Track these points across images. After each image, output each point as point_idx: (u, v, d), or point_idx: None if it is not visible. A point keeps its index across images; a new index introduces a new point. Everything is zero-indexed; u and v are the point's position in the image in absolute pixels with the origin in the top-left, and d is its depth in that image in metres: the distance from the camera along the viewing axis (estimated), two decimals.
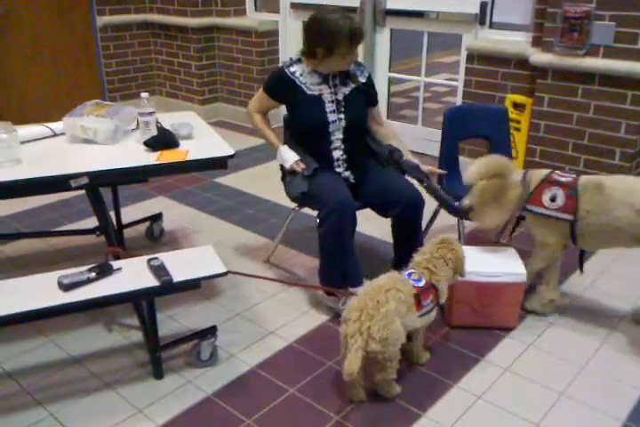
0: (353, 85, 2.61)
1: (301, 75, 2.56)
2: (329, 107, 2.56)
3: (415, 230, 2.58)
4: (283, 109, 2.73)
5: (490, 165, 2.42)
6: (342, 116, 2.58)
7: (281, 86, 2.59)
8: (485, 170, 2.41)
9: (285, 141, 2.71)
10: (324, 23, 2.44)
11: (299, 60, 2.59)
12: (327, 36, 2.42)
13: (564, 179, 2.36)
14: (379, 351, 1.93)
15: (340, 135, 2.60)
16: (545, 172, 2.43)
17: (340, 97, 2.58)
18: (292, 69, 2.57)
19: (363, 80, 2.64)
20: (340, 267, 2.49)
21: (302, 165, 2.54)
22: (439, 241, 2.22)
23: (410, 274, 2.13)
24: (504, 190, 2.40)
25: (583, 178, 2.37)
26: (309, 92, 2.55)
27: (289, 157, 2.57)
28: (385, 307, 1.94)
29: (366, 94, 2.67)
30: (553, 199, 2.33)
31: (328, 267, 2.53)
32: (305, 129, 2.61)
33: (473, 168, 2.45)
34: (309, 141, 2.60)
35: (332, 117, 2.57)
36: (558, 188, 2.34)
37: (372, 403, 2.08)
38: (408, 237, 2.60)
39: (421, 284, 2.11)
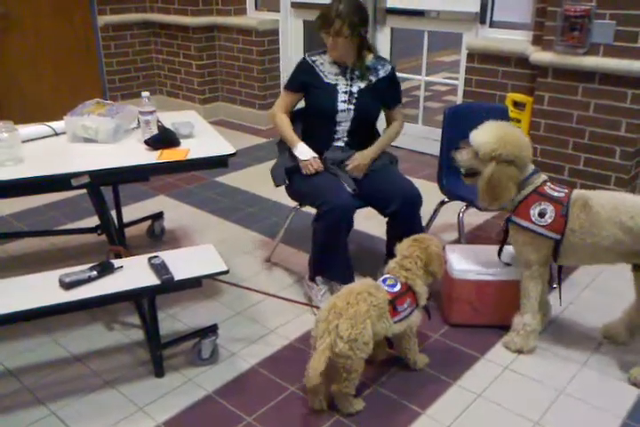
0: (372, 81, 2.67)
1: (322, 64, 2.67)
2: (341, 96, 2.64)
3: (412, 229, 2.55)
4: None
5: (509, 146, 2.14)
6: (352, 107, 2.65)
7: (302, 74, 2.70)
8: (502, 150, 2.13)
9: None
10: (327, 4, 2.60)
11: (323, 52, 2.69)
12: (319, 14, 2.60)
13: (556, 193, 2.17)
14: (344, 354, 1.87)
15: (347, 126, 2.67)
16: (539, 180, 2.21)
17: (355, 90, 2.65)
18: (313, 58, 2.69)
19: (383, 74, 2.69)
20: (330, 262, 2.55)
21: (319, 164, 2.60)
22: (412, 239, 2.19)
23: (385, 280, 2.10)
24: (511, 181, 2.16)
25: (574, 194, 2.18)
26: (326, 80, 2.65)
27: (305, 151, 2.63)
28: (354, 307, 1.91)
29: (383, 92, 2.70)
30: (542, 215, 2.15)
31: (318, 259, 2.59)
32: (315, 113, 2.70)
33: (489, 138, 2.17)
34: (317, 126, 2.68)
35: (341, 106, 2.64)
36: (549, 203, 2.15)
37: (372, 400, 2.09)
38: (403, 236, 2.55)
39: (396, 289, 2.06)
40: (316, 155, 2.62)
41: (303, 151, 2.63)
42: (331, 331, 1.88)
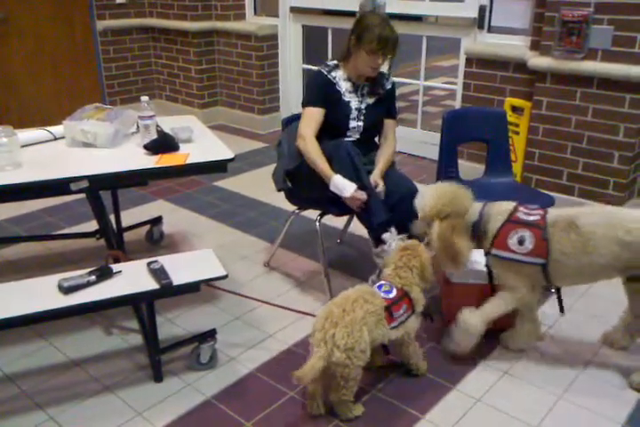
0: (381, 93, 2.73)
1: (339, 80, 2.68)
2: (353, 113, 2.68)
3: (408, 222, 2.56)
4: (282, 113, 2.75)
5: (444, 200, 2.16)
6: (361, 123, 2.70)
7: (324, 88, 2.67)
8: (440, 205, 2.15)
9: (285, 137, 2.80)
10: (365, 16, 2.64)
11: (336, 66, 2.70)
12: (360, 26, 2.58)
13: (531, 218, 2.12)
14: (342, 363, 1.86)
15: (356, 137, 2.72)
16: (507, 207, 2.17)
17: (363, 106, 2.70)
18: (333, 74, 2.68)
19: (389, 86, 2.76)
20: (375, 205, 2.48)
21: (364, 194, 2.45)
22: (402, 248, 2.17)
23: (380, 286, 2.09)
24: (461, 232, 2.14)
25: (552, 214, 2.14)
26: (344, 97, 2.67)
27: (346, 185, 2.45)
28: (351, 315, 1.90)
29: (388, 103, 2.78)
30: (521, 242, 2.09)
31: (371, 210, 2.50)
32: (327, 127, 2.67)
33: (427, 200, 2.20)
34: (323, 137, 2.65)
35: (352, 124, 2.69)
36: (525, 229, 2.09)
37: (371, 406, 2.08)
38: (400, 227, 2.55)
39: (392, 295, 2.05)
40: (354, 185, 2.44)
41: (342, 187, 2.45)
42: (327, 340, 1.87)
